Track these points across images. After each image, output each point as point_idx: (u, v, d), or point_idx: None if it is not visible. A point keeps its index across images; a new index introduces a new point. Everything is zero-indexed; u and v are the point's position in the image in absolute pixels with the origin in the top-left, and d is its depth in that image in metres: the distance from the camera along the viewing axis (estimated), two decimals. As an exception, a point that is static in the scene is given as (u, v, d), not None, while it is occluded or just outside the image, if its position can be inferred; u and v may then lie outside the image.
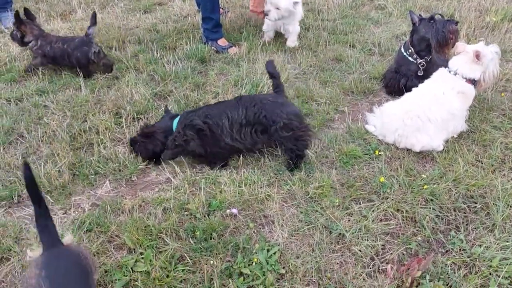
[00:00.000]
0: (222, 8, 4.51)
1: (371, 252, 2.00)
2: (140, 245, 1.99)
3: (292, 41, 3.85)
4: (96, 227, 2.09)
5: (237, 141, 2.40)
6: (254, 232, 2.11)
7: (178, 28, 4.15)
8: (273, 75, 2.49)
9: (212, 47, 3.81)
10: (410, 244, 2.03)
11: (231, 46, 3.83)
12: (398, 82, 3.04)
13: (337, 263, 1.96)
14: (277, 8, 3.62)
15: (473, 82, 2.56)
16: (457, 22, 2.85)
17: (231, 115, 2.37)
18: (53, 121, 2.78)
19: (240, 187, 2.33)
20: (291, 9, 3.68)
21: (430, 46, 2.88)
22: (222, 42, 3.85)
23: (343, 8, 4.62)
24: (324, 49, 3.81)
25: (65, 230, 2.06)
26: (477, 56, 2.50)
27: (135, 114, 2.86)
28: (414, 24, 2.96)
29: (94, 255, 1.96)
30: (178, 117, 2.50)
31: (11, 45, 3.73)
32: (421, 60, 2.95)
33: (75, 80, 3.25)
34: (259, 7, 3.98)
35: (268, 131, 2.38)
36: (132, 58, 3.58)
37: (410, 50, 2.99)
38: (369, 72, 3.43)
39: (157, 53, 3.67)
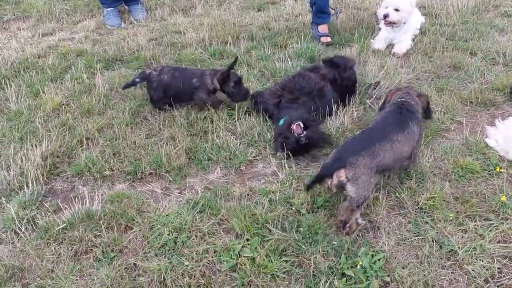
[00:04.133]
0: (333, 9, 4.51)
1: (486, 274, 1.87)
2: (247, 232, 2.08)
3: (399, 48, 3.70)
4: (208, 209, 2.23)
5: None
6: (358, 235, 2.09)
7: (289, 27, 4.23)
8: None
9: (312, 31, 4.05)
10: (532, 272, 1.86)
11: (326, 35, 3.94)
12: None
13: (447, 280, 1.87)
14: (397, 10, 3.52)
15: None
16: None
17: None
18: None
19: (345, 188, 2.32)
20: (410, 10, 3.56)
21: None
22: (321, 28, 3.99)
23: (463, 14, 4.34)
24: (441, 55, 3.61)
25: (181, 208, 2.23)
26: None
27: (246, 108, 2.98)
28: None
29: (205, 235, 2.09)
30: None
31: (139, 35, 4.10)
32: None
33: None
34: None
35: None
36: (245, 54, 3.73)
37: None
38: (492, 83, 3.19)
39: (268, 50, 3.77)
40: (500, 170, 2.37)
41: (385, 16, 3.60)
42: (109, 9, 4.47)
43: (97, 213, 2.23)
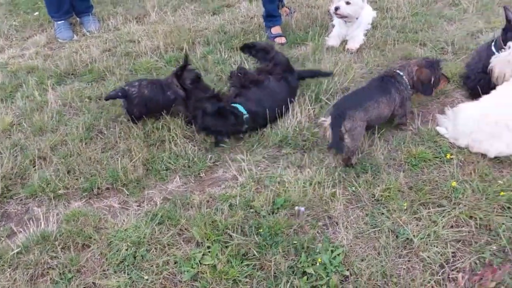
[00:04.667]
0: (288, 8, 4.55)
1: (440, 259, 1.93)
2: (208, 239, 2.08)
3: (352, 44, 3.75)
4: (167, 220, 2.20)
5: None
6: (318, 232, 2.12)
7: (245, 29, 4.24)
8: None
9: (266, 33, 4.10)
10: (483, 253, 1.92)
11: (279, 36, 3.99)
12: (488, 83, 2.84)
13: (404, 269, 1.91)
14: (348, 3, 3.58)
15: None
16: None
17: None
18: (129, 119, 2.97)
19: (304, 186, 2.35)
20: (361, 5, 3.63)
21: None
22: (274, 30, 4.05)
23: (413, 6, 4.44)
24: (393, 48, 3.69)
25: (139, 222, 2.20)
26: None
27: (203, 113, 2.97)
28: (509, 21, 2.75)
29: (165, 247, 2.07)
30: None
31: (92, 47, 4.02)
32: None
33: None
34: None
35: None
36: (201, 59, 3.72)
37: (503, 50, 2.79)
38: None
39: (225, 54, 3.77)
40: (451, 157, 2.44)
41: (336, 9, 3.65)
42: (59, 22, 4.37)
43: (52, 234, 2.18)
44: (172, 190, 2.45)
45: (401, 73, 2.67)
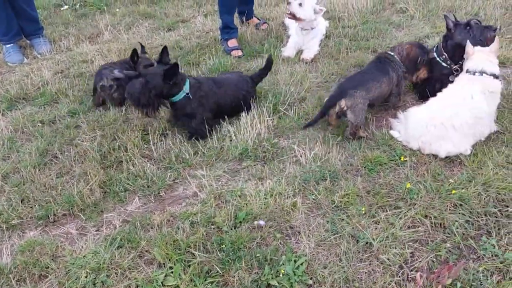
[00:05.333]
0: (259, 19, 4.60)
1: (399, 260, 1.98)
2: (170, 260, 2.04)
3: (307, 54, 3.83)
4: (127, 243, 2.15)
5: None
6: (280, 243, 2.13)
7: (201, 44, 4.25)
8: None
9: (223, 46, 4.12)
10: (439, 251, 1.99)
11: (236, 49, 4.01)
12: (433, 87, 2.97)
13: (365, 273, 1.95)
14: (300, 4, 3.66)
15: (496, 77, 2.51)
16: (495, 29, 2.79)
17: None
18: (85, 141, 2.90)
19: (266, 198, 2.36)
20: (311, 13, 3.71)
21: (464, 51, 2.82)
22: (231, 43, 4.07)
23: (363, 14, 4.60)
24: (346, 56, 3.80)
25: (98, 247, 2.14)
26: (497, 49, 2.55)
27: (162, 130, 2.95)
28: (449, 29, 2.89)
29: (125, 271, 2.02)
30: None
31: (43, 69, 3.91)
32: (456, 66, 2.88)
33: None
34: None
35: None
36: (157, 76, 3.68)
37: (444, 56, 2.93)
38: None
39: (181, 69, 3.75)
40: (405, 159, 2.52)
41: (288, 3, 3.74)
42: (8, 45, 4.22)
43: (7, 267, 2.08)
44: (132, 212, 2.40)
45: (392, 53, 2.92)
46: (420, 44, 3.04)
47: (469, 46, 2.64)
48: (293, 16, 3.77)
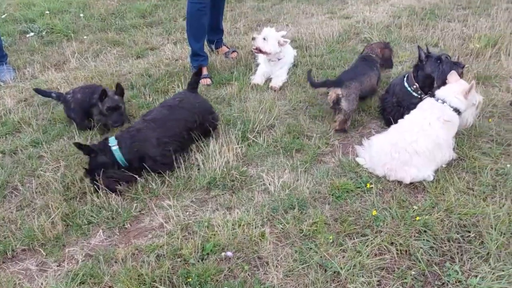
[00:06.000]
0: (228, 47, 4.65)
1: (367, 289, 1.98)
2: (134, 295, 1.98)
3: (275, 83, 3.90)
4: (90, 279, 2.08)
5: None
6: (248, 275, 2.10)
7: (170, 71, 4.25)
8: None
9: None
10: (405, 279, 2.01)
11: (204, 77, 4.02)
12: (402, 115, 3.04)
13: (333, 303, 1.94)
14: (264, 39, 3.75)
15: (458, 112, 2.61)
16: (463, 66, 2.94)
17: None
18: (47, 172, 2.81)
19: (234, 228, 2.33)
20: (276, 46, 3.80)
21: (433, 82, 2.95)
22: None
23: (330, 43, 4.73)
24: (313, 84, 3.87)
25: (59, 284, 2.05)
26: (468, 91, 2.59)
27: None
28: (421, 61, 3.02)
29: (88, 308, 1.94)
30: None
31: (6, 98, 3.81)
32: (425, 96, 2.99)
33: (69, 129, 3.31)
34: None
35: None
36: (125, 103, 3.64)
37: (415, 86, 3.04)
38: (358, 104, 3.48)
39: (149, 97, 3.74)
40: (371, 186, 2.56)
41: (253, 39, 3.85)
42: (-30, 73, 4.11)
43: (-42, 308, 1.96)
44: (95, 245, 2.32)
45: (373, 55, 3.39)
46: (385, 43, 3.58)
47: (453, 75, 2.74)
48: (259, 51, 3.86)
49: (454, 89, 2.66)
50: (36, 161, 2.94)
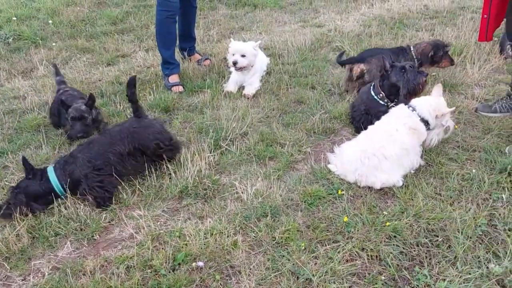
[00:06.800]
0: (201, 55, 4.63)
1: (338, 296, 1.99)
2: (102, 309, 1.92)
3: (248, 91, 3.92)
4: (56, 293, 2.01)
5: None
6: (220, 284, 2.07)
7: (141, 79, 4.20)
8: (132, 100, 2.79)
9: (164, 81, 4.13)
10: (376, 284, 2.03)
11: (176, 85, 4.01)
12: (370, 122, 3.10)
13: (306, 310, 1.94)
14: (243, 56, 3.76)
15: (426, 123, 2.68)
16: (427, 74, 3.04)
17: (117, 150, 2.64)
18: (13, 182, 2.72)
19: (206, 238, 2.31)
20: (254, 53, 3.83)
21: (399, 91, 3.04)
22: (172, 79, 4.07)
23: (302, 52, 4.79)
24: (286, 92, 3.91)
25: (23, 299, 1.97)
26: (442, 114, 2.69)
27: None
28: (386, 71, 3.11)
29: (54, 324, 1.87)
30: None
31: (-30, 106, 3.68)
32: (392, 104, 3.07)
33: (36, 138, 3.22)
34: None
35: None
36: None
37: (381, 94, 3.11)
38: (330, 112, 3.53)
39: (120, 105, 3.69)
40: (342, 192, 2.59)
41: (235, 63, 3.82)
42: None
43: None
44: (63, 258, 2.25)
45: (410, 48, 3.80)
46: (437, 41, 3.81)
47: (437, 88, 2.81)
48: (239, 68, 3.87)
49: (431, 102, 2.73)
50: (1, 172, 2.84)
